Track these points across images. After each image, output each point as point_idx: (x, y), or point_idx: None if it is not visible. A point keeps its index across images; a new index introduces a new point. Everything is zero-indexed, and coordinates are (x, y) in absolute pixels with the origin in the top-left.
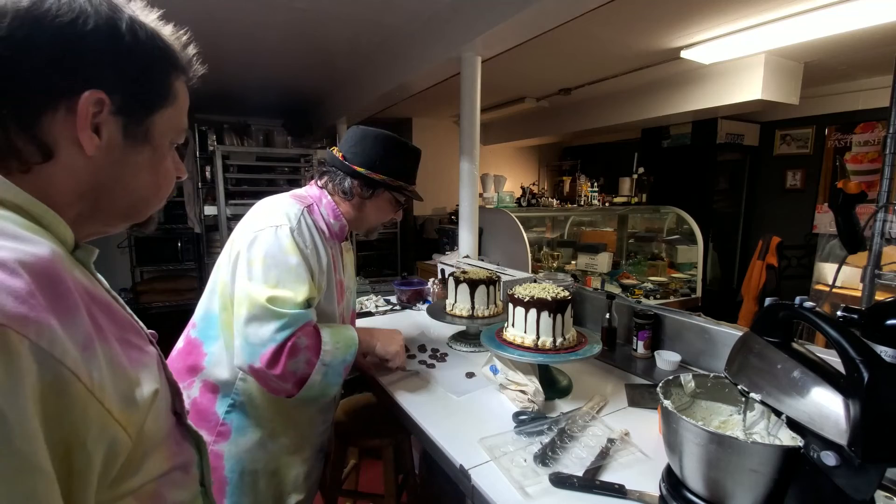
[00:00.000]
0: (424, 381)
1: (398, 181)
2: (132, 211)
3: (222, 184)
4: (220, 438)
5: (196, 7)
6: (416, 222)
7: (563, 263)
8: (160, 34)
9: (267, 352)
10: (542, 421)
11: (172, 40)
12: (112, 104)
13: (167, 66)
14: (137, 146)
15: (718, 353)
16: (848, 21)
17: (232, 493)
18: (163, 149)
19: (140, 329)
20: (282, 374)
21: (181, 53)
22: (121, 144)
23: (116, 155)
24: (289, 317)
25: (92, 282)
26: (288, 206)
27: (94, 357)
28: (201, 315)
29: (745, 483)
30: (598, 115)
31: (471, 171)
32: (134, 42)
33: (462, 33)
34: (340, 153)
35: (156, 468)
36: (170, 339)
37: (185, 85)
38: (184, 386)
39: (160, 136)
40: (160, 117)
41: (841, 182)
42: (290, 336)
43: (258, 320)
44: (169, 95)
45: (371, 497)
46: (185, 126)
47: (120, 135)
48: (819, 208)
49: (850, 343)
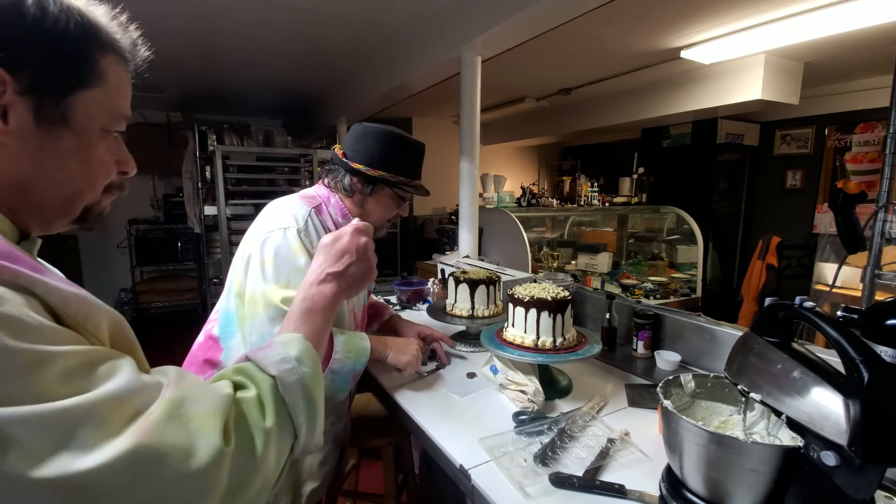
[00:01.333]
0: (424, 381)
1: (398, 177)
2: (66, 204)
3: (222, 184)
4: None
5: (196, 7)
6: (416, 222)
7: (563, 263)
8: (82, 10)
9: None
10: (542, 421)
11: (104, 19)
12: (16, 83)
13: (88, 42)
14: (56, 131)
15: (718, 353)
16: (848, 21)
17: None
18: (90, 135)
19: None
20: None
21: (115, 32)
22: (34, 129)
23: (32, 141)
24: None
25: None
26: (296, 207)
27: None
28: (221, 312)
29: (745, 483)
30: (598, 115)
31: (471, 171)
32: (41, 16)
33: (462, 33)
34: (342, 151)
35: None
36: (170, 339)
37: (120, 67)
38: (204, 377)
39: (85, 121)
40: (82, 99)
41: (841, 182)
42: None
43: (274, 321)
44: (91, 75)
45: (371, 497)
46: (122, 112)
47: (31, 117)
48: (819, 208)
49: (850, 343)
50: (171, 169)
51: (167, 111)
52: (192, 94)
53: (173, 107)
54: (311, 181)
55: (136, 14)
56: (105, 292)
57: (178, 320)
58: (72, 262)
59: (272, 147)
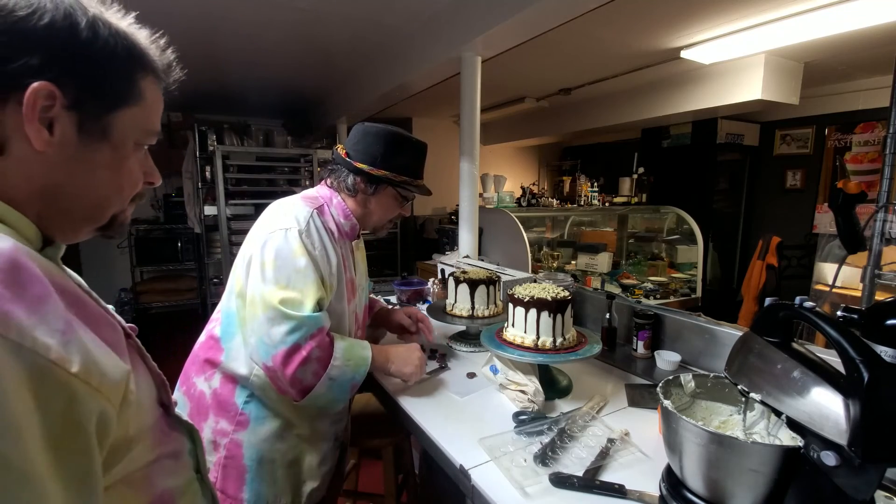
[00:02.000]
0: (425, 381)
1: (401, 177)
2: (95, 212)
3: (222, 184)
4: (239, 427)
5: (196, 7)
6: (417, 222)
7: (563, 263)
8: (129, 34)
9: (279, 353)
10: (542, 421)
11: (146, 42)
12: (65, 98)
13: (132, 63)
14: (94, 144)
15: (718, 353)
16: (848, 21)
17: (251, 481)
18: (124, 149)
19: (115, 323)
20: (290, 379)
21: (154, 55)
22: (75, 141)
23: (70, 152)
24: (299, 319)
25: (62, 276)
26: (298, 208)
27: (73, 339)
28: (223, 313)
29: (745, 483)
30: (598, 115)
31: (471, 171)
32: (93, 38)
33: (462, 33)
34: (344, 150)
35: (143, 456)
36: (170, 339)
37: (155, 86)
38: (206, 377)
39: (122, 135)
40: (122, 116)
41: (841, 182)
42: (302, 340)
43: (272, 322)
44: (132, 94)
45: (371, 497)
46: (154, 128)
47: (74, 131)
48: (819, 208)
49: (850, 343)
50: (171, 169)
51: (167, 111)
52: (192, 94)
53: (173, 107)
54: (311, 181)
55: (136, 14)
56: (105, 292)
57: (178, 320)
58: (72, 263)
59: (272, 147)
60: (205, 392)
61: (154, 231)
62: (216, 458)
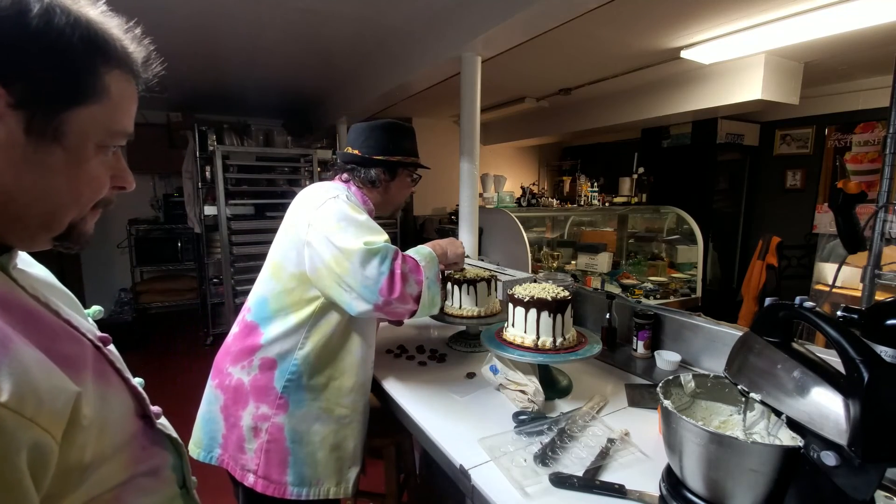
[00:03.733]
0: (425, 381)
1: (411, 158)
2: (48, 219)
3: (222, 184)
4: (279, 411)
5: (195, 6)
6: (416, 222)
7: (563, 263)
8: (93, 23)
9: (383, 284)
10: (542, 421)
11: (117, 32)
12: (10, 95)
13: (94, 57)
14: (45, 146)
15: (718, 353)
16: (848, 21)
17: (294, 464)
18: (83, 151)
19: (79, 336)
20: (401, 297)
21: (126, 46)
22: (22, 142)
23: (17, 154)
24: (381, 251)
25: (9, 288)
26: (333, 186)
27: (2, 364)
28: (255, 301)
29: (745, 483)
30: (598, 115)
31: (471, 171)
32: (45, 28)
33: (462, 33)
34: (355, 150)
35: (111, 477)
36: (170, 340)
37: (125, 82)
38: (243, 365)
39: (78, 136)
40: (78, 115)
41: (841, 182)
42: (392, 264)
43: (363, 264)
44: (92, 90)
45: (372, 496)
46: (121, 128)
47: (21, 131)
48: (819, 208)
49: (850, 343)
50: (171, 169)
51: (167, 111)
52: (192, 94)
53: (173, 107)
54: (311, 181)
55: (136, 14)
56: (105, 292)
57: (178, 320)
58: (71, 262)
59: (272, 147)
60: (243, 380)
61: (154, 231)
62: (257, 444)
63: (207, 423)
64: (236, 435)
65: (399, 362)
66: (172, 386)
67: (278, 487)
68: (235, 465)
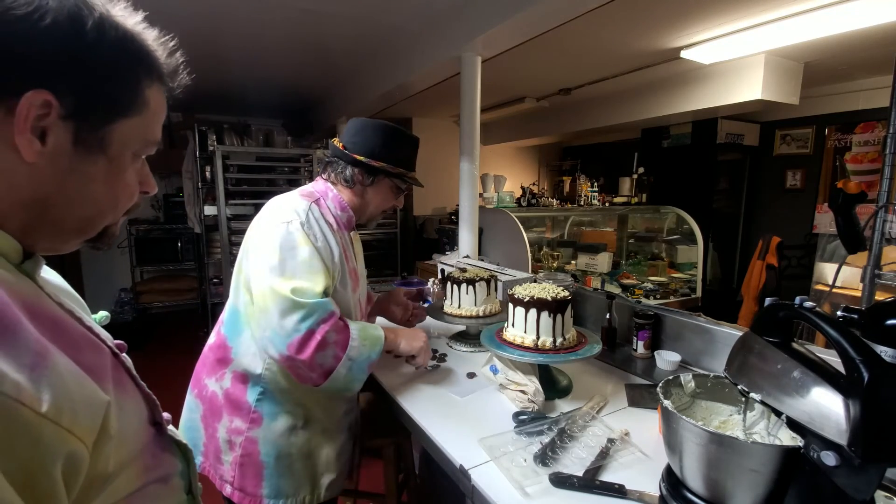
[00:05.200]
0: (425, 381)
1: (398, 168)
2: (85, 225)
3: (222, 184)
4: (253, 425)
5: (196, 6)
6: (416, 222)
7: (563, 263)
8: (138, 37)
9: (294, 341)
10: (542, 421)
11: (154, 45)
12: (62, 108)
13: (139, 71)
14: (90, 156)
15: (718, 353)
16: (848, 21)
17: (269, 477)
18: (122, 160)
19: (99, 343)
20: (309, 364)
21: (163, 60)
22: (69, 152)
23: (64, 163)
24: (309, 306)
25: (38, 298)
26: (296, 202)
27: (45, 374)
28: (228, 312)
29: (745, 483)
30: (598, 115)
31: (471, 171)
32: (98, 42)
33: (462, 33)
34: (341, 143)
35: (125, 486)
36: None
37: (161, 94)
38: (217, 377)
39: (120, 147)
40: (122, 126)
41: (841, 182)
42: (315, 325)
43: (284, 312)
44: (136, 103)
45: (371, 496)
46: (155, 138)
47: (70, 142)
48: (819, 208)
49: (850, 343)
50: (171, 169)
51: (167, 111)
52: (193, 94)
53: (173, 107)
54: (310, 181)
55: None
56: (105, 292)
57: (178, 320)
58: (72, 262)
59: (272, 147)
60: (217, 392)
61: (154, 231)
62: (232, 457)
63: (189, 431)
64: (214, 446)
65: (399, 362)
66: (172, 386)
67: (254, 499)
68: (215, 474)
